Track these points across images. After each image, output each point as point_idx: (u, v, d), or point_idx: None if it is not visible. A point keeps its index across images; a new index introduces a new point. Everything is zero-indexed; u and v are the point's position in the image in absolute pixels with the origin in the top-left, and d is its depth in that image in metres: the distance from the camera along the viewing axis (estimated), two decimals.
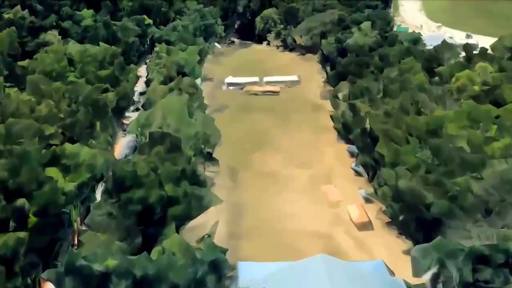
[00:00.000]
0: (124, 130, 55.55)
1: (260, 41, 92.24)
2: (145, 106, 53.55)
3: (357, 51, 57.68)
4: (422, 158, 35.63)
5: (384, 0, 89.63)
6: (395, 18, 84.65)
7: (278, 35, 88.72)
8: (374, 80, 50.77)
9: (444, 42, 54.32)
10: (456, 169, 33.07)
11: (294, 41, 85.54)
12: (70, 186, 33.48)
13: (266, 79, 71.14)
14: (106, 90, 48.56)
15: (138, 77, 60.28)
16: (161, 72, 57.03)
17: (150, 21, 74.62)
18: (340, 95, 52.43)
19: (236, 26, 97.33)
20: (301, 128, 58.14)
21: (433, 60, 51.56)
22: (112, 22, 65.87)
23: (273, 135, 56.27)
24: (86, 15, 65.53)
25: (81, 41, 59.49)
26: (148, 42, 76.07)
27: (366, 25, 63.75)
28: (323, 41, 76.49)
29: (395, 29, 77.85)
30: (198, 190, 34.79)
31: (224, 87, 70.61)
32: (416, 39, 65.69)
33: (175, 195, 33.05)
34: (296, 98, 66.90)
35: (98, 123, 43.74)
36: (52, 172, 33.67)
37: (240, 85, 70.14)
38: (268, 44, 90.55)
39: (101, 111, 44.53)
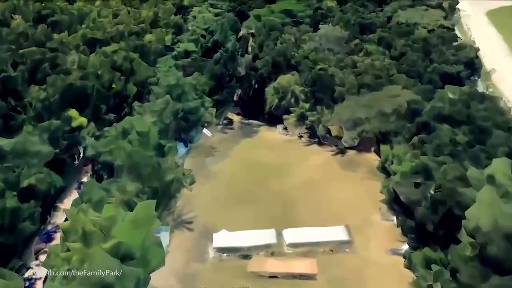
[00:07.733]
0: None
1: (272, 121, 59.27)
2: None
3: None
4: None
5: (470, 64, 56.10)
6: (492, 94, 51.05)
7: (301, 118, 55.76)
8: None
9: None
10: None
11: (329, 131, 52.99)
12: None
13: (288, 236, 38.41)
14: None
15: None
16: None
17: (82, 120, 41.86)
18: None
19: (235, 97, 63.58)
20: None
21: None
22: None
23: None
24: None
25: None
26: (80, 158, 43.45)
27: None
28: (382, 148, 44.20)
29: None
30: None
31: (213, 254, 38.04)
32: None
33: None
34: None
35: None
36: None
37: (240, 252, 37.57)
38: (285, 129, 57.75)
39: None
